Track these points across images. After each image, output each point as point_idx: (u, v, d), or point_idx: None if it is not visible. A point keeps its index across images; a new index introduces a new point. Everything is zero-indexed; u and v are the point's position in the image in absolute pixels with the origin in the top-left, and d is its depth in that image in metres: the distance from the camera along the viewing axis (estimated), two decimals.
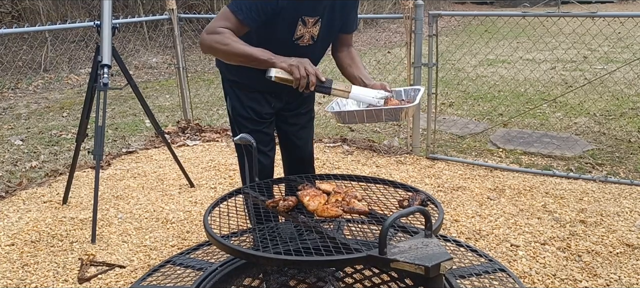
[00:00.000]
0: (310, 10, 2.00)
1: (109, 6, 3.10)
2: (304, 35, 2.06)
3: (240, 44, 1.92)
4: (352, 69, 2.23)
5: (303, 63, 1.88)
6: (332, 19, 2.11)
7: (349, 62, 2.26)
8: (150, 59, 9.29)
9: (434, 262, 1.33)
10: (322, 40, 2.15)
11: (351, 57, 2.27)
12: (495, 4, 18.33)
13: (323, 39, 2.14)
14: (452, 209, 3.24)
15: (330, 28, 2.13)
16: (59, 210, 3.41)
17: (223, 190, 3.69)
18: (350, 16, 2.21)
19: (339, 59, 2.29)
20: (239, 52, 1.91)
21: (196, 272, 2.22)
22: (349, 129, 4.99)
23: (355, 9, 2.23)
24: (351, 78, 2.26)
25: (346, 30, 2.25)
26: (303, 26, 2.03)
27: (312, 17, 2.02)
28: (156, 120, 3.58)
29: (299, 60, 1.89)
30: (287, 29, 2.02)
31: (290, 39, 2.04)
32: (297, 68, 1.87)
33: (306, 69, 1.87)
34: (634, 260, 2.59)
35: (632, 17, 3.66)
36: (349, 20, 2.21)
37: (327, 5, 2.04)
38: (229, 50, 1.93)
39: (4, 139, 5.09)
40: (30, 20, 8.81)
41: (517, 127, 4.89)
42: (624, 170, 3.75)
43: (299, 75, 1.87)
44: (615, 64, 7.21)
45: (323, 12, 2.05)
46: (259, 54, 1.91)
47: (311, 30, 2.06)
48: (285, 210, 1.79)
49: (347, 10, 2.16)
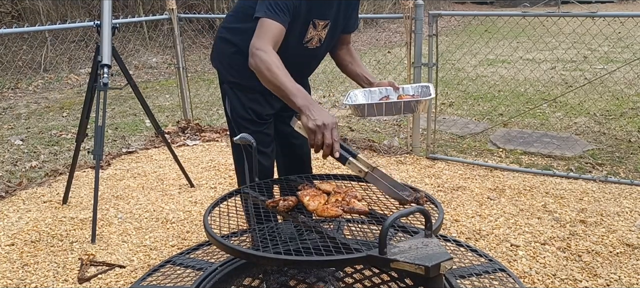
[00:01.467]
0: (321, 13, 2.02)
1: (109, 6, 3.10)
2: (314, 37, 2.08)
3: (283, 77, 1.81)
4: (354, 67, 2.27)
5: (328, 127, 1.72)
6: (337, 21, 2.13)
7: (349, 60, 2.29)
8: (150, 58, 9.28)
9: (434, 262, 1.33)
10: (328, 43, 2.18)
11: (351, 55, 2.30)
12: (495, 4, 18.33)
13: (328, 41, 2.17)
14: (452, 209, 3.24)
15: (335, 30, 2.16)
16: (59, 210, 3.41)
17: (223, 190, 3.69)
18: (352, 17, 2.23)
19: (339, 57, 2.32)
20: (279, 83, 1.80)
21: (196, 272, 2.22)
22: (349, 129, 4.99)
23: (356, 10, 2.25)
24: (354, 75, 2.28)
25: (348, 30, 2.27)
26: (313, 29, 2.05)
27: (323, 20, 2.05)
28: (156, 120, 3.58)
29: (325, 122, 1.72)
30: (299, 31, 2.03)
31: (301, 42, 2.06)
32: (318, 134, 1.73)
33: (326, 137, 1.72)
34: (634, 260, 2.59)
35: (632, 17, 3.65)
36: (350, 21, 2.23)
37: (334, 8, 2.06)
38: (271, 76, 1.82)
39: (4, 138, 5.09)
40: (30, 20, 8.81)
41: (517, 127, 4.89)
42: (624, 170, 3.75)
43: (314, 141, 1.75)
44: (615, 63, 7.21)
45: (333, 16, 2.07)
46: (295, 93, 1.78)
47: (320, 33, 2.08)
48: (285, 210, 1.79)
49: (350, 12, 2.19)
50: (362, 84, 2.26)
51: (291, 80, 1.81)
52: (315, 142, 1.74)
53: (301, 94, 1.79)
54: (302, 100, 1.78)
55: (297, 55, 2.08)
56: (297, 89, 1.80)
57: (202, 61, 9.22)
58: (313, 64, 2.29)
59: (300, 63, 2.18)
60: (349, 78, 2.38)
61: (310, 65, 2.29)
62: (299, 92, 1.79)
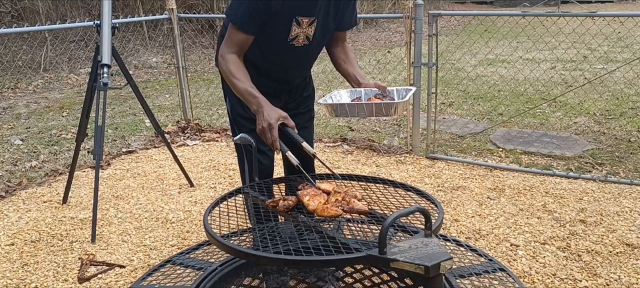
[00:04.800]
0: (304, 10, 2.00)
1: (108, 6, 3.10)
2: (299, 35, 2.06)
3: (239, 83, 2.00)
4: (346, 66, 2.25)
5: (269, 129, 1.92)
6: (327, 19, 2.10)
7: (343, 58, 2.28)
8: (150, 58, 9.29)
9: (433, 262, 1.33)
10: (318, 40, 2.15)
11: (345, 53, 2.28)
12: (495, 4, 18.33)
13: (318, 39, 2.14)
14: (452, 209, 3.24)
15: (325, 28, 2.13)
16: (58, 210, 3.41)
17: (223, 190, 3.69)
18: (346, 15, 2.20)
19: (333, 55, 2.30)
20: (235, 88, 2.02)
21: (196, 272, 2.22)
22: (349, 129, 4.99)
23: (351, 9, 2.21)
24: (346, 74, 2.27)
25: (342, 28, 2.24)
26: (297, 26, 2.02)
27: (307, 17, 2.02)
28: (156, 119, 3.58)
29: (265, 126, 1.92)
30: (281, 29, 2.01)
31: (286, 40, 2.04)
32: (264, 136, 1.94)
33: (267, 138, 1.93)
34: (634, 260, 2.59)
35: (632, 17, 3.66)
36: (344, 19, 2.20)
37: (323, 6, 2.03)
38: (231, 82, 2.04)
39: (4, 138, 5.09)
40: (29, 20, 8.80)
41: (517, 127, 4.89)
42: (624, 169, 3.75)
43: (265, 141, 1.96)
44: (615, 63, 7.21)
45: (318, 13, 2.04)
46: (249, 100, 1.99)
47: (306, 30, 2.06)
48: (285, 210, 1.79)
49: (343, 11, 2.16)
50: (352, 83, 2.24)
51: (247, 87, 1.99)
52: (266, 142, 1.95)
53: (255, 99, 1.96)
54: (254, 105, 1.97)
55: (284, 53, 2.07)
56: (251, 95, 1.98)
57: (202, 61, 9.22)
58: (304, 62, 2.27)
59: (289, 62, 2.17)
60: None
61: (301, 64, 2.26)
62: (252, 99, 1.97)
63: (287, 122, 1.95)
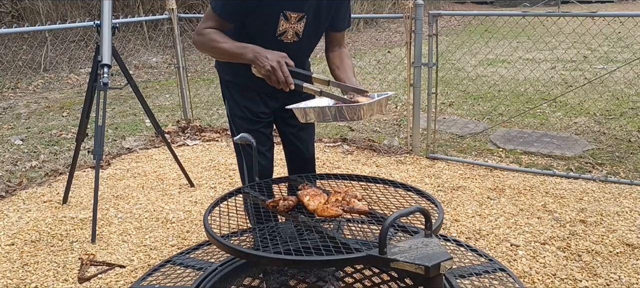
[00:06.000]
0: (292, 5, 1.98)
1: (109, 6, 3.10)
2: (288, 30, 2.04)
3: (224, 44, 1.97)
4: (339, 72, 2.18)
5: (278, 68, 1.86)
6: (319, 16, 2.07)
7: (337, 64, 2.21)
8: (150, 58, 9.29)
9: (434, 262, 1.33)
10: (308, 38, 2.12)
11: (341, 59, 2.21)
12: (495, 4, 18.33)
13: (309, 37, 2.11)
14: (452, 209, 3.24)
15: (316, 26, 2.10)
16: (59, 210, 3.41)
17: (223, 190, 3.69)
18: (339, 14, 2.16)
19: (329, 59, 2.26)
20: (223, 51, 1.97)
21: (196, 272, 2.22)
22: (349, 129, 4.99)
23: (345, 8, 2.18)
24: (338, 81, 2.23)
25: (335, 28, 2.21)
26: (286, 21, 2.01)
27: (295, 12, 2.00)
28: (156, 119, 3.58)
29: (273, 65, 1.86)
30: (268, 23, 2.00)
31: (274, 35, 2.03)
32: (272, 77, 1.88)
33: (279, 77, 1.87)
34: (634, 260, 2.59)
35: (632, 17, 3.66)
36: (338, 18, 2.17)
37: (313, 2, 2.01)
38: (216, 50, 2.00)
39: (4, 138, 5.09)
40: (30, 20, 8.81)
41: (517, 127, 4.89)
42: (624, 169, 3.75)
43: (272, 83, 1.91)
44: (615, 63, 7.21)
45: (308, 9, 2.02)
46: (241, 52, 1.93)
47: (295, 26, 2.04)
48: (285, 210, 1.79)
49: (336, 9, 2.13)
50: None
51: (233, 43, 1.95)
52: (273, 84, 1.90)
53: (247, 49, 1.92)
54: (250, 53, 1.91)
55: (275, 49, 2.06)
56: (242, 46, 1.93)
57: (202, 61, 9.22)
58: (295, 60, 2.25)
59: None
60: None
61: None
62: (244, 49, 1.93)
63: (288, 61, 1.90)
